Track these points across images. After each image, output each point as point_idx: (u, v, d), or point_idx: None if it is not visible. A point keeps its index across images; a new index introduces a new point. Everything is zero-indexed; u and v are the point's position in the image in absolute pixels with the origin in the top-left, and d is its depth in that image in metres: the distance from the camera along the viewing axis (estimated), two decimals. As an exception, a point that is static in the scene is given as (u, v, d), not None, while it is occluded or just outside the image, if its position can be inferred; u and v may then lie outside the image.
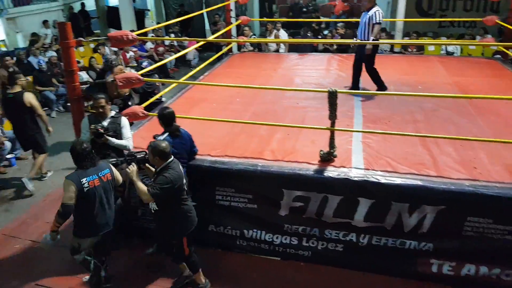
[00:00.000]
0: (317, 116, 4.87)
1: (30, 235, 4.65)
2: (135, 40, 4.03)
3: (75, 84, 3.93)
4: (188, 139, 3.88)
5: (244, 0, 8.52)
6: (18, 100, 5.38)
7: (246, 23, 9.06)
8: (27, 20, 12.19)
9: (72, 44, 3.78)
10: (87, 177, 3.27)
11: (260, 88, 4.92)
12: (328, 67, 7.31)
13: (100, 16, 14.90)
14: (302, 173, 3.71)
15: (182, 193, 3.41)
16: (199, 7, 14.17)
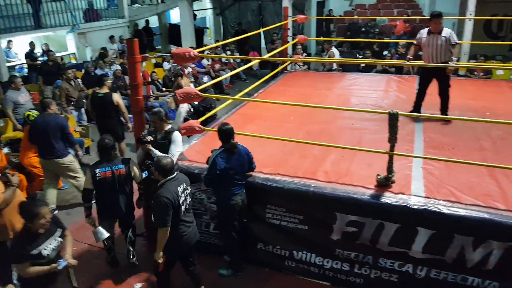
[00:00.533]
0: (374, 138, 4.71)
1: (88, 239, 4.81)
2: (196, 57, 4.13)
3: (139, 97, 4.08)
4: (245, 156, 3.90)
5: (301, 20, 8.55)
6: (108, 99, 6.20)
7: (303, 42, 9.07)
8: (96, 35, 13.00)
9: (138, 60, 3.94)
10: (101, 168, 3.85)
11: (315, 107, 4.85)
12: (386, 88, 7.10)
13: (162, 33, 15.61)
14: (357, 197, 3.57)
15: (177, 213, 3.38)
16: (256, 26, 14.45)
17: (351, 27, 13.77)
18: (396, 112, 3.52)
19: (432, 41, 5.22)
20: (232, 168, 3.75)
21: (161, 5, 14.38)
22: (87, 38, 12.82)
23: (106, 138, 3.94)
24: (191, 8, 13.15)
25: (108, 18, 13.65)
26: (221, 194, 3.86)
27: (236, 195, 3.83)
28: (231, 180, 3.79)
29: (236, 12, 14.96)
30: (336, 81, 7.73)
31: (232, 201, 3.82)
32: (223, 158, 3.75)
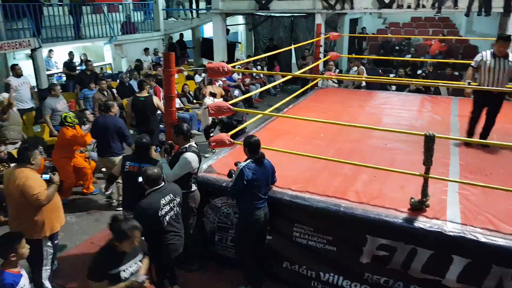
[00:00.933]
0: (407, 160, 4.57)
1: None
2: (230, 72, 4.15)
3: (172, 109, 4.12)
4: (270, 169, 3.85)
5: (334, 37, 8.51)
6: (149, 101, 6.68)
7: (335, 59, 9.02)
8: (132, 47, 13.37)
9: (173, 73, 4.00)
10: (130, 162, 4.16)
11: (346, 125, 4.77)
12: (420, 108, 6.93)
13: (195, 46, 15.89)
14: (389, 220, 3.45)
15: (157, 223, 3.40)
16: (288, 42, 14.51)
17: (384, 45, 13.60)
18: (433, 134, 3.41)
19: (498, 65, 4.87)
20: (258, 180, 3.71)
21: (195, 19, 14.67)
22: (123, 49, 13.20)
23: (144, 138, 4.17)
24: (225, 23, 13.34)
25: (144, 31, 14.02)
26: (244, 207, 3.79)
27: (260, 209, 3.77)
28: (256, 193, 3.74)
29: (268, 28, 15.07)
30: (368, 99, 7.62)
31: (255, 216, 3.76)
32: (250, 169, 3.70)
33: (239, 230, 3.94)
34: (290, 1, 11.98)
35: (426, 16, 16.10)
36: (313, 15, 11.79)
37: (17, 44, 9.88)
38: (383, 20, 17.58)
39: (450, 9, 10.11)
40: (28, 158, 3.72)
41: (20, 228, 3.56)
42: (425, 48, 13.21)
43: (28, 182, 3.59)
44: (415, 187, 3.71)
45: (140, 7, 14.42)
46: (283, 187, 4.00)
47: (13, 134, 6.54)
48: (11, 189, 3.69)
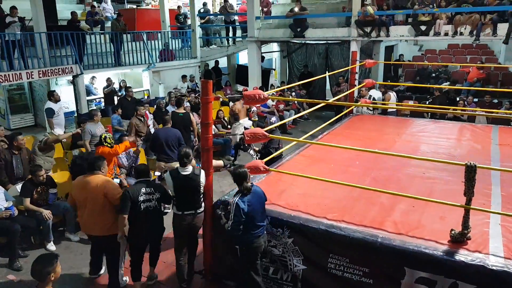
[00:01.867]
0: (447, 190, 4.48)
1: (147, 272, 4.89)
2: (266, 99, 4.24)
3: (209, 135, 4.23)
4: (262, 195, 4.01)
5: (370, 64, 8.52)
6: (186, 117, 7.85)
7: (370, 86, 9.01)
8: (169, 73, 13.82)
9: (211, 100, 4.12)
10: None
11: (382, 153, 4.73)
12: (459, 137, 6.78)
13: (230, 72, 16.26)
14: (429, 252, 3.35)
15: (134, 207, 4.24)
16: (322, 68, 14.62)
17: (421, 72, 13.46)
18: (474, 164, 3.33)
19: None
20: (254, 210, 3.81)
21: (231, 47, 15.07)
22: (161, 75, 13.66)
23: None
24: (260, 51, 13.62)
25: (181, 58, 14.49)
26: (244, 238, 3.84)
27: (259, 237, 3.87)
28: (254, 222, 3.81)
29: (303, 55, 15.27)
30: (405, 126, 7.53)
31: (255, 244, 3.85)
32: (244, 201, 3.77)
33: (242, 261, 4.00)
34: (325, 29, 12.13)
35: (463, 43, 15.88)
36: (348, 42, 11.87)
37: (60, 70, 10.40)
38: (419, 47, 17.44)
39: (488, 36, 9.95)
40: (99, 166, 4.55)
41: (102, 226, 4.42)
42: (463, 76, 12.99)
43: (109, 184, 4.46)
44: (455, 219, 3.62)
45: (178, 35, 14.96)
46: (318, 216, 3.98)
47: (47, 165, 6.50)
48: (90, 193, 4.42)
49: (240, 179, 3.92)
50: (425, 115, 10.23)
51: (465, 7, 10.20)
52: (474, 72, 12.14)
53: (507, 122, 8.85)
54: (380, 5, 11.27)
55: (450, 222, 3.69)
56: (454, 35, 10.33)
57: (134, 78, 13.86)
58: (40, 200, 5.76)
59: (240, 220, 3.73)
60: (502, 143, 6.28)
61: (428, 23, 10.46)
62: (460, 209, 3.52)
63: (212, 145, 4.32)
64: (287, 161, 5.66)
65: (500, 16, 9.68)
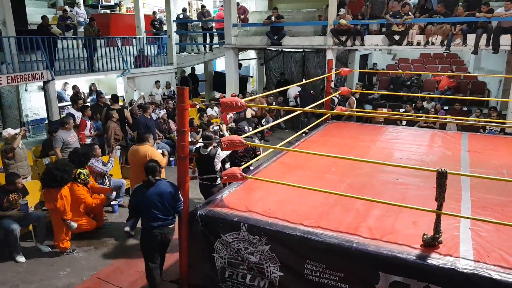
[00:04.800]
0: (419, 195, 4.62)
1: (121, 282, 4.88)
2: (243, 106, 4.29)
3: (185, 143, 4.24)
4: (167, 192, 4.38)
5: (346, 72, 8.72)
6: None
7: (345, 94, 9.20)
8: (144, 80, 13.70)
9: (187, 107, 4.14)
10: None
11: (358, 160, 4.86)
12: (431, 143, 7.00)
13: (207, 79, 16.27)
14: (402, 256, 3.46)
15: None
16: (299, 76, 14.80)
17: (394, 81, 13.83)
18: (445, 170, 3.47)
19: None
20: (143, 202, 4.39)
21: (208, 54, 15.09)
22: (136, 82, 13.54)
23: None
24: (237, 58, 13.70)
25: (157, 64, 14.42)
26: (143, 224, 4.50)
27: (156, 228, 4.41)
28: (149, 213, 4.39)
29: (280, 63, 15.44)
30: (379, 133, 7.71)
31: (152, 233, 4.41)
32: (139, 190, 4.46)
33: (140, 245, 4.58)
34: (302, 37, 12.33)
35: (435, 53, 16.40)
36: (324, 51, 12.09)
37: (30, 76, 10.12)
38: (393, 56, 17.92)
39: (459, 46, 10.33)
40: (147, 138, 5.93)
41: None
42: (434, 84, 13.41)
43: (154, 152, 5.89)
44: (427, 223, 3.74)
45: (154, 41, 14.89)
46: (295, 223, 4.04)
47: (21, 171, 6.50)
48: (138, 159, 5.71)
49: (147, 172, 4.51)
50: (398, 122, 10.51)
51: (436, 17, 10.57)
52: (445, 81, 12.56)
53: (476, 129, 9.21)
54: (355, 15, 11.55)
55: (423, 226, 3.81)
56: (426, 45, 10.67)
57: (108, 85, 13.69)
58: (10, 208, 5.62)
59: (133, 205, 4.60)
60: (471, 149, 6.52)
61: (402, 33, 10.77)
62: (432, 214, 3.64)
63: (188, 153, 4.33)
64: (264, 168, 5.71)
65: (469, 27, 10.07)
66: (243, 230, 4.08)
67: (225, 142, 4.34)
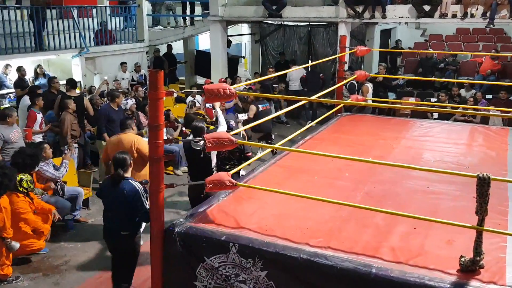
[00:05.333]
0: (455, 207, 4.63)
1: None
2: (234, 95, 4.27)
3: (159, 141, 4.21)
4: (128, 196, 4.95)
5: (362, 52, 8.72)
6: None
7: (362, 80, 9.22)
8: (107, 61, 13.70)
9: (162, 95, 4.10)
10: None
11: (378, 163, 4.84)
12: (470, 142, 7.03)
13: (188, 61, 16.25)
14: (434, 284, 3.45)
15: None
16: (303, 57, 14.85)
17: (424, 63, 13.87)
18: (488, 176, 3.47)
19: None
20: (104, 196, 5.28)
21: (189, 28, 15.09)
22: (96, 64, 13.51)
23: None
24: (225, 33, 13.70)
25: (124, 41, 14.38)
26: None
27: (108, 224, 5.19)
28: (107, 208, 5.24)
29: (280, 40, 15.50)
30: (405, 129, 7.72)
31: (105, 226, 5.27)
32: (104, 184, 5.34)
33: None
34: (307, 8, 12.36)
35: (475, 28, 16.48)
36: (336, 25, 12.11)
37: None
38: (422, 32, 18.00)
39: (505, 19, 10.37)
40: (129, 125, 6.57)
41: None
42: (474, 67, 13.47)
43: (140, 141, 6.44)
44: (465, 242, 3.74)
45: (120, 12, 14.83)
46: (299, 242, 4.02)
47: None
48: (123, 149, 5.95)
49: (116, 165, 5.08)
50: (428, 115, 10.54)
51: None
52: (488, 63, 12.63)
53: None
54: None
55: (459, 247, 3.80)
56: (463, 17, 10.73)
57: (61, 67, 13.67)
58: None
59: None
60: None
61: (433, 2, 10.81)
62: (471, 231, 3.64)
63: (163, 154, 4.30)
64: (260, 173, 5.69)
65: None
66: (233, 252, 4.06)
67: (210, 139, 4.31)
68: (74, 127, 8.44)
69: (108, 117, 8.64)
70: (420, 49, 15.51)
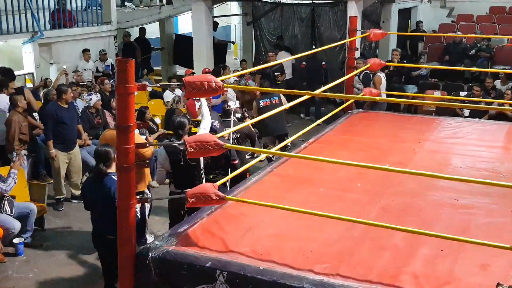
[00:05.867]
0: (490, 224, 4.66)
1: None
2: (220, 89, 4.25)
3: (129, 146, 4.18)
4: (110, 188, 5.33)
5: (377, 36, 8.74)
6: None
7: (377, 69, 9.23)
8: (65, 47, 13.61)
9: (133, 90, 4.08)
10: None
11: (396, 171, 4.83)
12: (507, 144, 7.06)
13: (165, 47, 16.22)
14: (466, 319, 3.48)
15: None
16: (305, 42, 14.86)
17: (451, 49, 13.92)
18: (530, 186, 3.48)
19: None
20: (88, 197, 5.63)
21: (166, 7, 15.07)
22: (53, 51, 13.43)
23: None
24: (211, 14, 13.70)
25: (87, 23, 14.33)
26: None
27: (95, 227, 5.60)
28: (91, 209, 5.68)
29: (277, 21, 15.53)
30: (428, 129, 7.75)
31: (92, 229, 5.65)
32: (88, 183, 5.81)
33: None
34: (309, -19, 12.37)
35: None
36: (345, 3, 12.14)
37: None
38: (449, 12, 18.07)
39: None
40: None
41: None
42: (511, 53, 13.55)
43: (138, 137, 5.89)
44: (503, 267, 3.78)
45: (81, -13, 14.80)
46: (301, 269, 4.02)
47: None
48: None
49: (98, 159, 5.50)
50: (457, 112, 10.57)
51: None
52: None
53: None
54: None
55: (496, 272, 3.81)
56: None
57: (9, 55, 13.58)
58: None
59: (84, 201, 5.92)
60: None
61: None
62: (510, 253, 3.65)
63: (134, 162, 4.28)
64: (253, 184, 5.69)
65: None
66: (220, 282, 4.05)
67: (192, 143, 4.29)
68: (23, 130, 8.34)
69: (56, 118, 8.48)
70: (446, 32, 15.57)
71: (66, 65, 12.41)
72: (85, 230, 7.35)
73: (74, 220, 8.05)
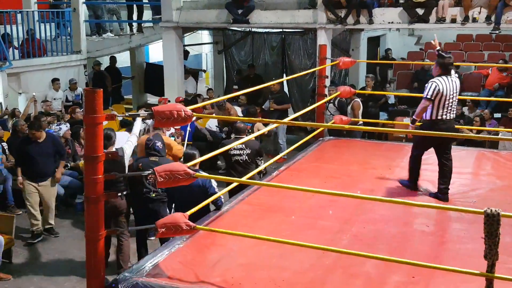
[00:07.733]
0: (460, 250, 4.69)
1: None
2: (190, 118, 4.25)
3: (97, 177, 4.14)
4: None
5: (346, 64, 8.86)
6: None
7: (347, 97, 9.32)
8: (34, 76, 13.46)
9: (101, 120, 4.06)
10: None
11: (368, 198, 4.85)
12: (477, 170, 7.16)
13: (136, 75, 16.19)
14: None
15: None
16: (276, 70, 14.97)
17: (420, 76, 14.11)
18: (498, 212, 3.51)
19: None
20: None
21: (136, 36, 15.04)
22: (22, 81, 13.28)
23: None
24: (181, 42, 13.73)
25: (56, 53, 14.24)
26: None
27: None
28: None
29: (248, 49, 15.62)
30: (398, 156, 7.82)
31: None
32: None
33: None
34: (280, 12, 12.48)
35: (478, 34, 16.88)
36: (314, 32, 12.27)
37: None
38: (417, 39, 18.38)
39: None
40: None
41: None
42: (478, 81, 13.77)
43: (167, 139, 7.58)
44: (475, 294, 3.77)
45: (50, 17, 14.71)
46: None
47: None
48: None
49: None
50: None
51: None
52: (495, 75, 12.92)
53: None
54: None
55: (467, 299, 3.83)
56: (464, 22, 10.95)
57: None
58: None
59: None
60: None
61: (427, 4, 11.03)
62: (480, 279, 3.67)
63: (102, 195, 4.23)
64: (224, 213, 5.67)
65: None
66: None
67: (161, 173, 4.26)
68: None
69: (23, 153, 8.21)
70: (415, 60, 15.81)
71: (35, 93, 12.25)
72: (53, 263, 7.24)
73: (42, 252, 7.84)
